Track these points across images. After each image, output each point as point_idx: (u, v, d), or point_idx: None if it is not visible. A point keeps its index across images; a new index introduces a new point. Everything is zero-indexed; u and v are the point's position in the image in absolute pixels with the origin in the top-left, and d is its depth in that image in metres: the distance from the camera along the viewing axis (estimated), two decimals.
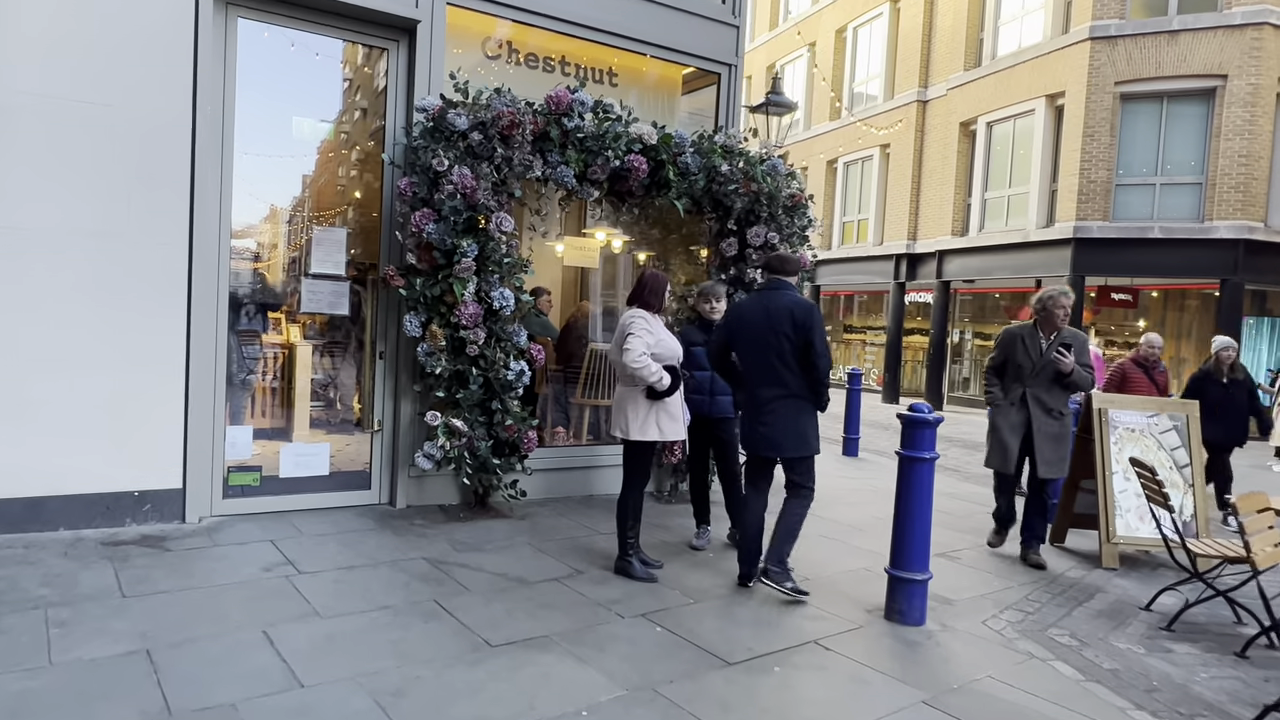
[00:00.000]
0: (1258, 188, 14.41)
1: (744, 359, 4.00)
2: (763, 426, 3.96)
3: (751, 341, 3.94)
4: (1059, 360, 4.96)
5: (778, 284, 3.95)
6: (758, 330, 3.92)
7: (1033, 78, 16.68)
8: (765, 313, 3.93)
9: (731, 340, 4.05)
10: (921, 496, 3.91)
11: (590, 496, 6.21)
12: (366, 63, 5.67)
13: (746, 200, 5.85)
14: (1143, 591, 4.82)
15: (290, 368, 6.55)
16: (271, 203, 5.66)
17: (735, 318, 4.08)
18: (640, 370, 4.14)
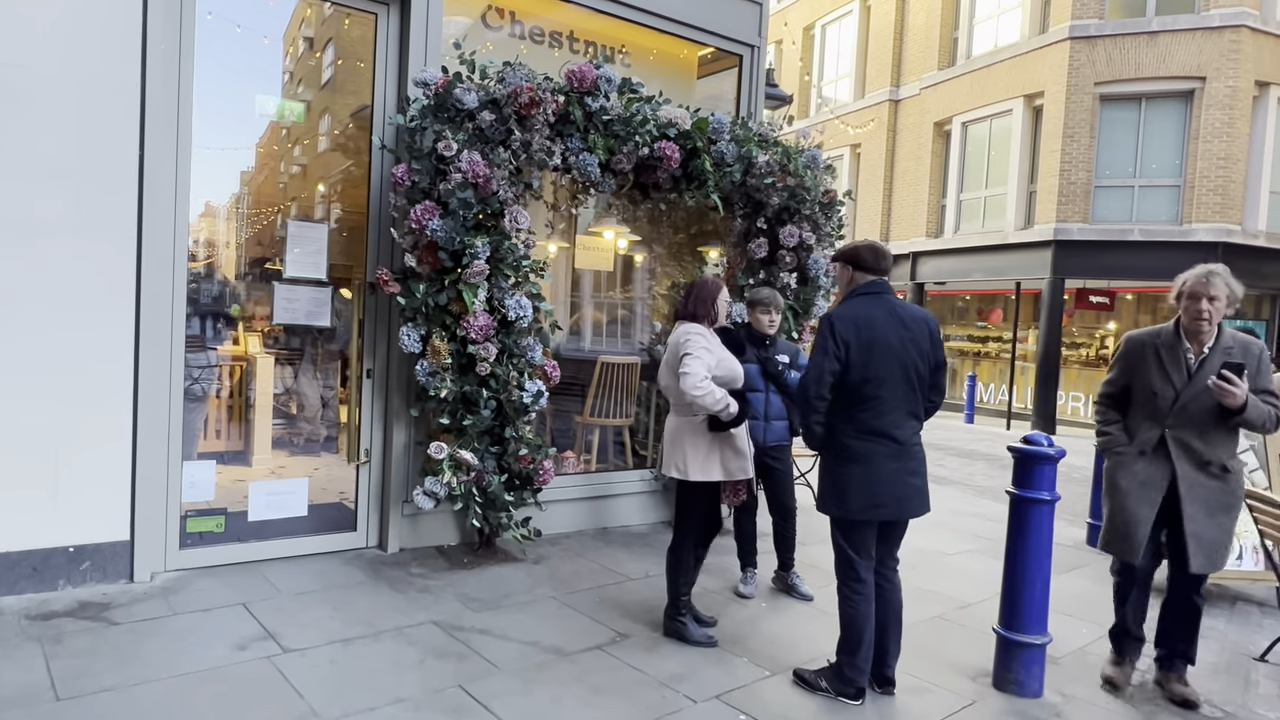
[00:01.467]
0: (1235, 190, 14.37)
1: (874, 386, 3.07)
2: (914, 479, 3.16)
3: (889, 362, 3.10)
4: (1224, 388, 3.14)
5: (885, 286, 3.26)
6: (896, 347, 3.11)
7: (1010, 78, 16.47)
8: (900, 323, 3.16)
9: (861, 360, 3.08)
10: (1040, 545, 3.30)
11: (605, 530, 5.49)
12: (348, 31, 4.86)
13: (784, 195, 5.20)
14: (1242, 635, 4.32)
15: (259, 389, 5.70)
16: (235, 193, 4.82)
17: (864, 329, 3.05)
18: (702, 399, 3.41)
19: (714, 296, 3.71)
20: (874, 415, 3.09)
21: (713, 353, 3.57)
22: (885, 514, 3.13)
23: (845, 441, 3.11)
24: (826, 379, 3.07)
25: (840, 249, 3.35)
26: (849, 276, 3.28)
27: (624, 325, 6.38)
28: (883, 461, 3.10)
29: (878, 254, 3.23)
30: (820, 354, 3.08)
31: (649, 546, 5.19)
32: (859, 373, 3.06)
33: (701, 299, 3.68)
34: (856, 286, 3.23)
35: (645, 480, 5.69)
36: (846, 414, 3.09)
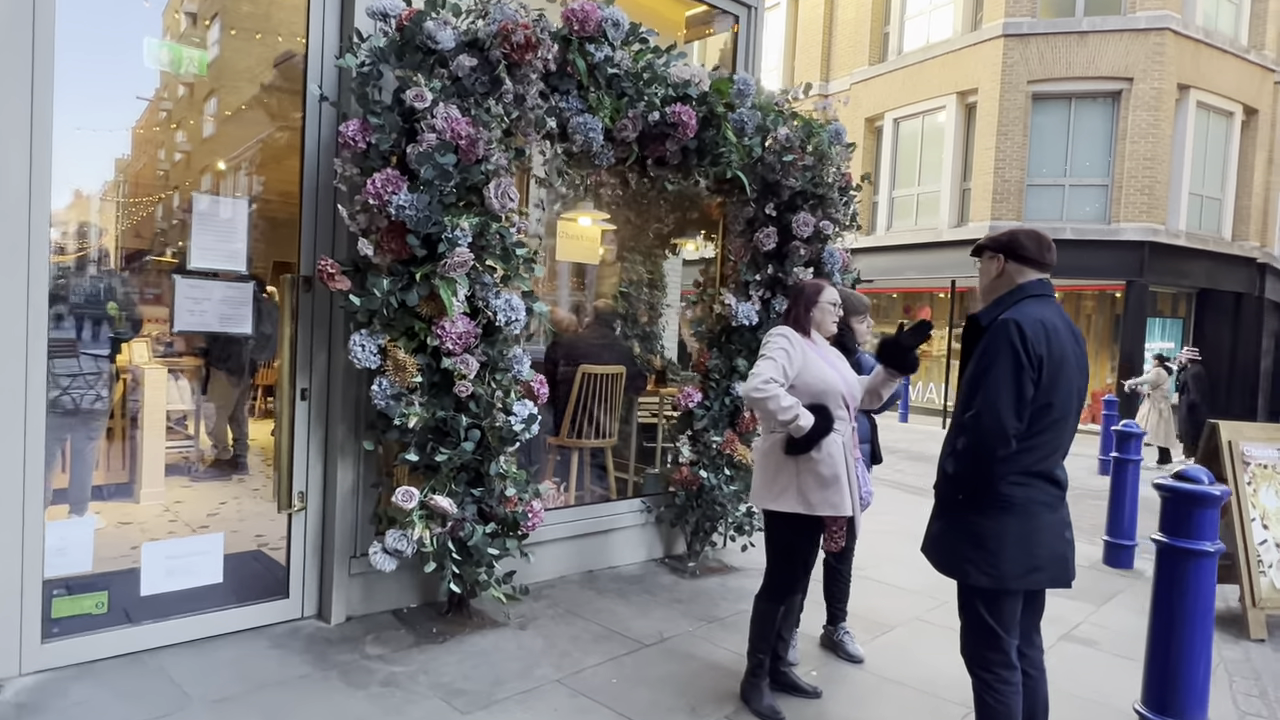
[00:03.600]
0: (1160, 191, 14.64)
1: (1052, 415, 2.34)
2: (1069, 532, 2.44)
3: (1070, 387, 2.37)
4: None
5: (1048, 287, 2.52)
6: (1075, 368, 2.39)
7: (943, 74, 16.38)
8: (1075, 338, 2.44)
9: (1049, 383, 2.32)
10: (1202, 607, 2.64)
11: (591, 574, 4.60)
12: None
13: (804, 176, 4.43)
14: None
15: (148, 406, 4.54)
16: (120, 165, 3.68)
17: (1053, 343, 2.32)
18: (763, 401, 2.83)
19: (813, 300, 3.09)
20: (1044, 454, 2.34)
21: (794, 360, 2.93)
22: (1044, 580, 2.39)
23: (1000, 488, 2.34)
24: (1024, 408, 2.29)
25: (990, 236, 2.57)
26: (999, 270, 2.51)
27: (606, 327, 5.48)
28: (1043, 512, 2.36)
29: (1041, 243, 2.47)
30: (1009, 372, 2.28)
31: (649, 594, 4.34)
32: (1042, 398, 2.31)
33: (807, 303, 3.11)
34: (1018, 286, 2.46)
35: (635, 512, 4.83)
36: (1015, 450, 2.32)
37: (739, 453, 4.65)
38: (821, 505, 2.91)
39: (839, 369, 3.03)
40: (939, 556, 2.49)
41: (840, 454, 2.93)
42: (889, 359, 2.93)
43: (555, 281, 6.06)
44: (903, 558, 4.96)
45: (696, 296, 5.04)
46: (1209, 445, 4.62)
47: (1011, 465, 2.31)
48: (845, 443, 2.96)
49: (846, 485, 2.93)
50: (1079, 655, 3.93)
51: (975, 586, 2.38)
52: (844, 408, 2.97)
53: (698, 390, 4.73)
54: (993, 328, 2.34)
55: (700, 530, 4.78)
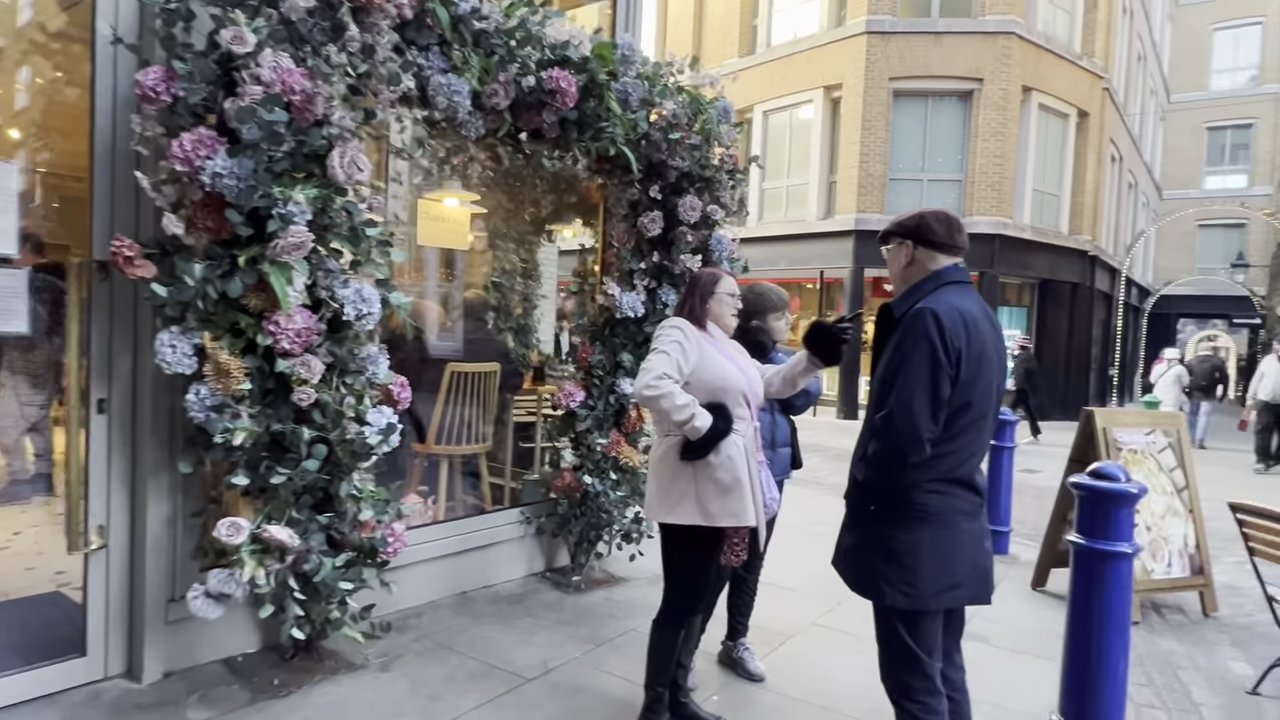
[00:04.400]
0: (1008, 187, 15.51)
1: (971, 415, 2.11)
2: (989, 541, 2.25)
3: (989, 383, 2.14)
4: None
5: (965, 274, 2.29)
6: (995, 362, 2.17)
7: (809, 69, 16.68)
8: (994, 328, 2.22)
9: (968, 379, 2.07)
10: (1121, 612, 2.52)
11: (465, 596, 4.13)
12: None
13: (691, 156, 4.13)
14: (1206, 657, 3.93)
15: None
16: None
17: (972, 334, 2.09)
18: (653, 397, 2.51)
19: (709, 291, 2.78)
20: (962, 458, 2.13)
21: (690, 354, 2.61)
22: (964, 596, 2.18)
23: (916, 497, 2.10)
24: (941, 408, 2.05)
25: (896, 221, 2.33)
26: (909, 258, 2.26)
27: (477, 320, 4.98)
28: (962, 522, 2.15)
29: (951, 225, 2.24)
30: (924, 368, 2.03)
31: (531, 615, 3.92)
32: (961, 396, 2.08)
33: (703, 293, 2.80)
34: (933, 273, 2.22)
35: (514, 523, 4.39)
36: (930, 455, 2.08)
37: (625, 455, 4.30)
38: (722, 515, 2.61)
39: (739, 364, 2.73)
40: (852, 574, 2.24)
41: (741, 457, 2.63)
42: (816, 347, 2.66)
43: (424, 270, 5.49)
44: (797, 558, 4.78)
45: (577, 286, 4.65)
46: (1084, 431, 4.70)
47: (927, 472, 2.08)
48: (747, 445, 2.66)
49: (749, 492, 2.63)
50: (973, 655, 3.82)
51: (893, 608, 2.13)
52: (745, 406, 2.67)
53: (580, 388, 4.35)
54: (907, 319, 2.10)
55: (585, 540, 4.40)
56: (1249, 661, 3.87)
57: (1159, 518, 4.57)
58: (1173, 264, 27.67)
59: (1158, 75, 25.89)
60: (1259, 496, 4.07)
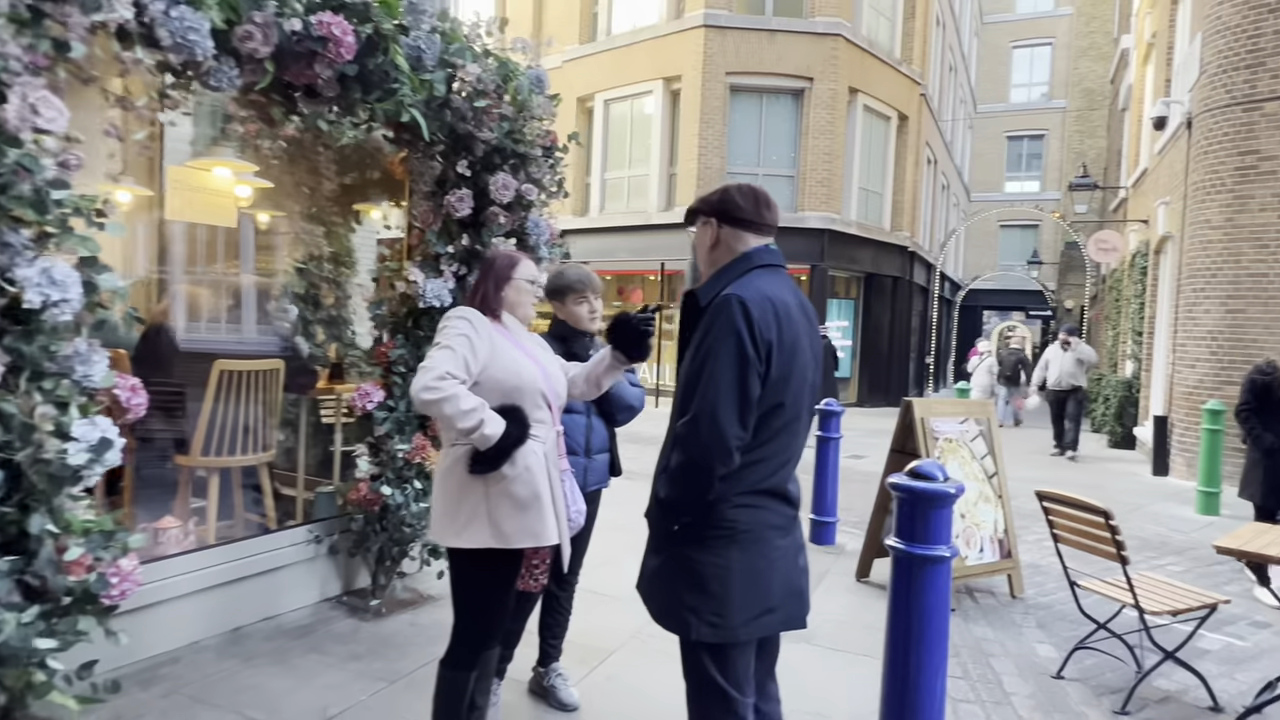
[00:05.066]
0: (836, 184, 16.14)
1: (783, 416, 1.86)
2: (803, 558, 2.01)
3: (803, 379, 1.90)
4: None
5: (778, 256, 2.05)
6: (809, 355, 1.93)
7: (650, 59, 16.61)
8: (807, 316, 1.97)
9: (780, 375, 1.82)
10: (940, 620, 2.39)
11: (240, 632, 3.54)
12: None
13: (500, 129, 3.73)
14: (1016, 642, 4.01)
15: None
16: None
17: (784, 324, 1.85)
18: (434, 401, 2.11)
19: (505, 276, 2.42)
20: (775, 466, 1.88)
21: (479, 348, 2.24)
22: (777, 622, 1.94)
23: (724, 513, 1.84)
24: (750, 410, 1.78)
25: (701, 198, 2.06)
26: (714, 238, 1.99)
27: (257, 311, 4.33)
28: (775, 538, 1.91)
29: (759, 200, 1.99)
30: (731, 365, 1.76)
31: (318, 650, 3.41)
32: (773, 396, 1.83)
33: (498, 278, 2.43)
34: (742, 255, 1.96)
35: (302, 543, 3.83)
36: (739, 463, 1.82)
37: (432, 460, 3.85)
38: (519, 535, 2.26)
39: (539, 360, 2.39)
40: (655, 603, 1.95)
41: (541, 468, 2.29)
42: (620, 341, 2.35)
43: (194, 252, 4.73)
44: (620, 560, 4.49)
45: (377, 272, 4.13)
46: (903, 422, 4.73)
47: (736, 484, 1.82)
48: (548, 453, 2.32)
49: (550, 507, 2.30)
50: (795, 656, 3.71)
51: (699, 642, 1.86)
52: (545, 408, 2.33)
53: (378, 387, 3.85)
54: (711, 308, 1.83)
55: (386, 558, 3.91)
56: (1053, 643, 3.99)
57: (972, 505, 4.67)
58: (979, 260, 30.15)
59: (966, 86, 28.03)
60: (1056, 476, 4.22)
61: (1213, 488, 7.31)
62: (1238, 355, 8.59)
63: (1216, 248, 8.79)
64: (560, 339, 2.92)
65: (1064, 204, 22.79)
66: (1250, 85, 8.51)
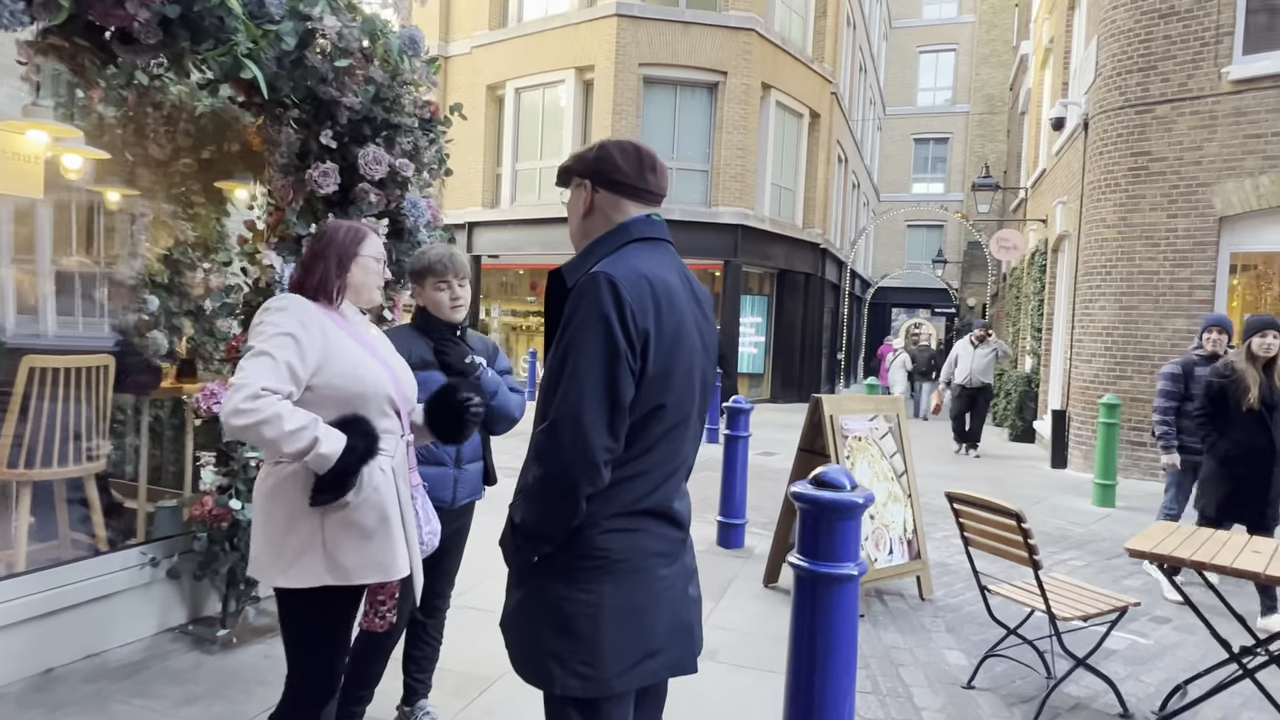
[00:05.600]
0: (750, 179, 16.09)
1: (666, 420, 1.54)
2: (694, 588, 1.70)
3: (690, 374, 1.58)
4: None
5: (663, 229, 1.72)
6: (698, 345, 1.61)
7: (562, 48, 16.18)
8: (695, 299, 1.65)
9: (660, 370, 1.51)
10: (847, 640, 2.13)
11: (51, 674, 3.02)
12: None
13: (365, 95, 3.31)
14: (925, 649, 3.85)
15: None
16: None
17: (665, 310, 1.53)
18: (249, 427, 1.70)
19: (349, 253, 2.02)
20: (657, 480, 1.57)
21: (308, 350, 1.84)
22: (662, 667, 1.62)
23: (594, 539, 1.51)
24: (621, 416, 1.46)
25: (575, 155, 1.71)
26: (588, 203, 1.67)
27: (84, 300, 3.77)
28: (658, 567, 1.59)
29: (642, 161, 1.66)
30: (597, 360, 1.44)
31: (144, 694, 2.93)
32: (652, 396, 1.51)
33: (342, 254, 2.01)
34: (619, 226, 1.63)
35: (136, 568, 3.32)
36: (611, 479, 1.50)
37: None
38: (363, 569, 1.88)
39: (386, 359, 2.01)
40: (514, 648, 1.61)
41: (390, 487, 1.92)
42: (435, 419, 2.01)
43: None
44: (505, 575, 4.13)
45: (227, 256, 3.65)
46: (812, 420, 4.52)
47: (608, 504, 1.51)
48: (397, 468, 1.95)
49: (400, 533, 1.93)
50: (699, 675, 3.43)
51: (566, 696, 1.53)
52: (393, 415, 1.96)
53: (226, 387, 3.37)
54: (577, 290, 1.50)
55: (238, 581, 3.44)
56: (963, 649, 3.84)
57: (881, 505, 4.51)
58: (888, 259, 30.91)
59: (876, 87, 28.63)
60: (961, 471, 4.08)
61: (1109, 480, 7.46)
62: (1130, 351, 8.85)
63: (1111, 246, 9.03)
64: (423, 331, 2.55)
65: (967, 204, 23.53)
66: (1143, 88, 8.76)
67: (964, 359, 10.91)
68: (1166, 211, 8.61)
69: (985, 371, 10.85)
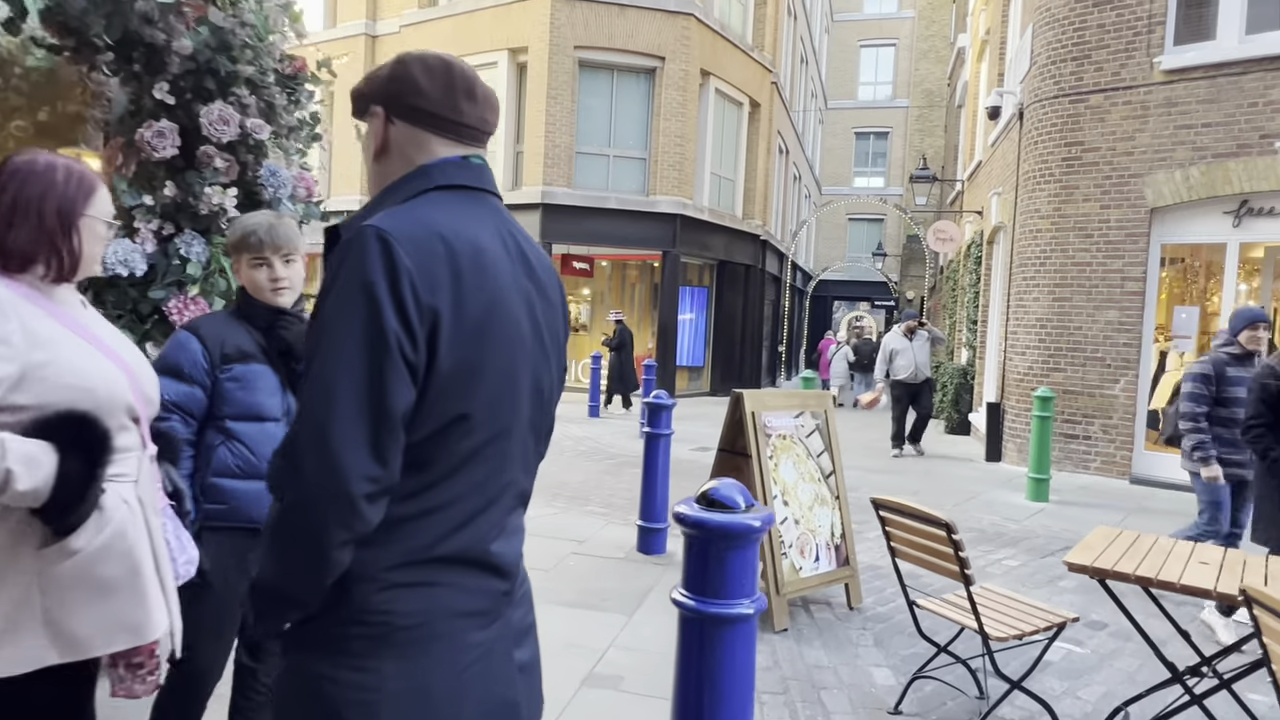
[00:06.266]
0: (688, 168, 15.76)
1: (467, 442, 1.11)
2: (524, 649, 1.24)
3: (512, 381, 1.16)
4: None
5: (488, 173, 1.29)
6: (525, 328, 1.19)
7: (494, 28, 15.59)
8: (532, 278, 1.23)
9: (462, 364, 1.08)
10: (743, 691, 1.76)
11: None
12: None
13: (201, 43, 2.81)
14: (851, 667, 3.53)
15: None
16: None
17: (463, 288, 1.08)
18: None
19: (73, 209, 1.49)
20: (457, 515, 1.15)
21: (13, 343, 1.35)
22: None
23: (369, 598, 1.09)
24: (392, 427, 1.04)
25: (368, 75, 1.26)
26: (381, 137, 1.24)
27: None
28: (468, 633, 1.17)
29: (454, 83, 1.23)
30: (357, 347, 1.03)
31: None
32: (446, 401, 1.10)
33: (27, 205, 1.45)
34: (419, 169, 1.21)
35: None
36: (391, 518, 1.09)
37: None
38: (103, 636, 1.43)
39: (119, 355, 1.54)
40: None
41: (138, 524, 1.47)
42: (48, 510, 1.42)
43: None
44: None
45: None
46: (733, 418, 4.17)
47: (388, 551, 1.09)
48: (143, 496, 1.50)
49: (154, 580, 1.48)
50: (601, 707, 3.05)
51: None
52: (132, 426, 1.51)
53: None
54: (336, 252, 1.08)
55: None
56: (891, 666, 3.54)
57: (807, 509, 4.19)
58: (829, 252, 31.02)
59: (817, 80, 28.62)
60: (896, 464, 3.77)
61: (1042, 474, 7.32)
62: (1064, 343, 8.77)
63: (1045, 237, 8.93)
64: (245, 318, 2.10)
65: (906, 198, 23.69)
66: (1077, 77, 8.66)
67: (903, 353, 10.00)
68: (1099, 202, 8.54)
69: (927, 364, 10.16)
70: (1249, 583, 2.24)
